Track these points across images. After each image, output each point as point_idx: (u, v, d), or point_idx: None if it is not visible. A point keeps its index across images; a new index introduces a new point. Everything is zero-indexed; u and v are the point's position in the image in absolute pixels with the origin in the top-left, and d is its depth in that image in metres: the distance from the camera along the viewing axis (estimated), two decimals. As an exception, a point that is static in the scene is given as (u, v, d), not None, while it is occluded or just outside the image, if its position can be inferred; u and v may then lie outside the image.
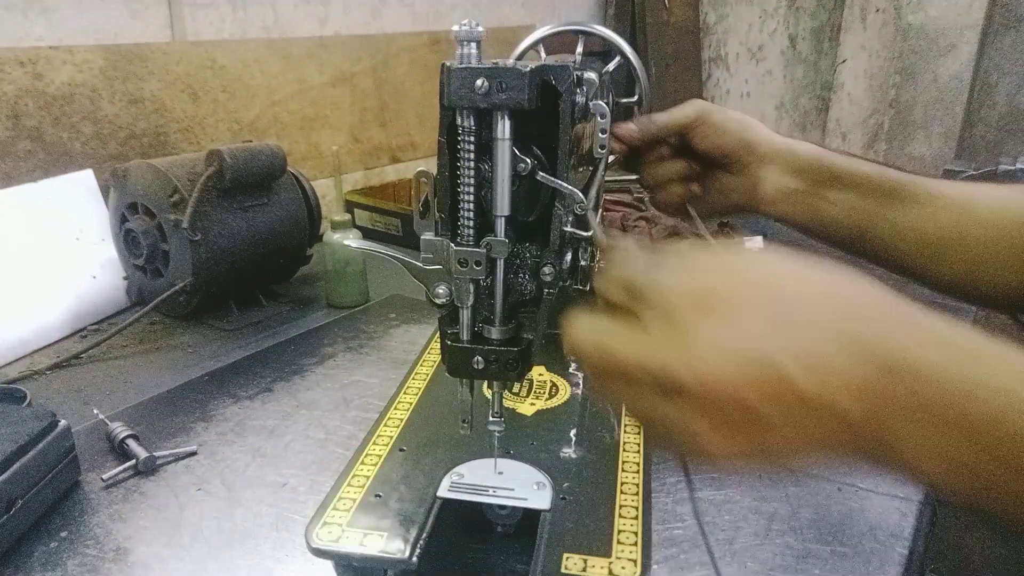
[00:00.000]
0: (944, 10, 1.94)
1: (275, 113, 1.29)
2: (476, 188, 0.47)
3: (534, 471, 0.57)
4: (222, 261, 0.97)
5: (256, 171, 0.99)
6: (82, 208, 1.02)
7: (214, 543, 0.59)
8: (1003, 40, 1.95)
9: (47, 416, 0.63)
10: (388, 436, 0.61)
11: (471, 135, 0.46)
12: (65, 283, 0.97)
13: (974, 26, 1.92)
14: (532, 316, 0.51)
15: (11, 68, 0.97)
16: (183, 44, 1.16)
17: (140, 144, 1.11)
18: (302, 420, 0.76)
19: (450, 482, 0.55)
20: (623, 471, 0.57)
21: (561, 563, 0.47)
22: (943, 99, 2.00)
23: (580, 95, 0.54)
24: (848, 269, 0.36)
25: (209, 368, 0.87)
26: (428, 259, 0.48)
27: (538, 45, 0.82)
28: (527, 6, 1.85)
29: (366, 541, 0.49)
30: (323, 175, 1.35)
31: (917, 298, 0.36)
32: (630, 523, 0.51)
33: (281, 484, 0.66)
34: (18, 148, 0.99)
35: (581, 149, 0.59)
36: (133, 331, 0.97)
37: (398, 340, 0.95)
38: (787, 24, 2.27)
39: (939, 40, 1.97)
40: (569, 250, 0.54)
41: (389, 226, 1.31)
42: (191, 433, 0.74)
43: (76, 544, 0.59)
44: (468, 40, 0.44)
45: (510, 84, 0.44)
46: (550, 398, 0.69)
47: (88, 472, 0.67)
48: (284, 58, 1.29)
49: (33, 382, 0.85)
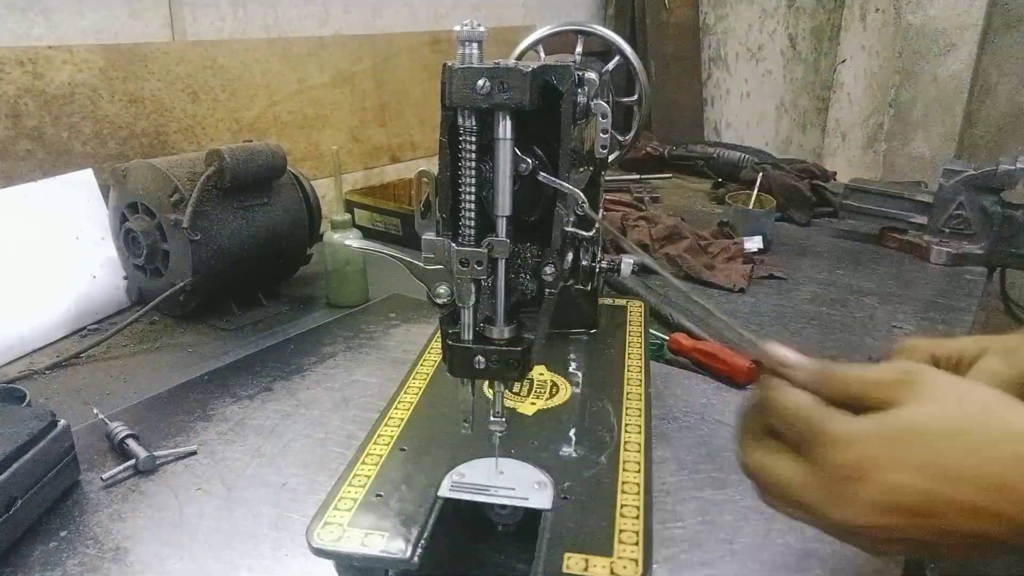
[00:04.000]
0: (944, 10, 1.95)
1: (275, 113, 1.29)
2: (477, 188, 0.47)
3: (535, 471, 0.57)
4: (222, 261, 0.97)
5: (256, 171, 0.99)
6: (82, 208, 1.02)
7: (214, 543, 0.59)
8: (1003, 40, 1.96)
9: (47, 416, 0.63)
10: (389, 436, 0.61)
11: (472, 135, 0.46)
12: (65, 283, 0.97)
13: (974, 26, 1.92)
14: (533, 316, 0.51)
15: (11, 68, 0.97)
16: (183, 44, 1.16)
17: (140, 144, 1.11)
18: (302, 420, 0.76)
19: (451, 482, 0.55)
20: (624, 470, 0.57)
21: (562, 563, 0.47)
22: (943, 99, 2.01)
23: (581, 95, 0.54)
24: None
25: (209, 368, 0.87)
26: (429, 259, 0.48)
27: (538, 45, 0.82)
28: (527, 6, 1.85)
29: (367, 541, 0.49)
30: (323, 175, 1.35)
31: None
32: (631, 522, 0.51)
33: (281, 484, 0.66)
34: (18, 148, 0.99)
35: (582, 149, 0.59)
36: (133, 331, 0.97)
37: (398, 340, 0.95)
38: (787, 24, 2.27)
39: (939, 40, 1.97)
40: (570, 250, 0.54)
41: (389, 226, 1.31)
42: (191, 433, 0.73)
43: (75, 544, 0.58)
44: (470, 40, 0.44)
45: (512, 84, 0.44)
46: (551, 398, 0.69)
47: (88, 472, 0.67)
48: (284, 58, 1.29)
49: (33, 382, 0.85)
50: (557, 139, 0.49)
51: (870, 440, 0.38)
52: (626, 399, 0.68)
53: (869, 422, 0.38)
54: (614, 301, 0.91)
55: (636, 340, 0.80)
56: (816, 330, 1.02)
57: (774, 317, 1.06)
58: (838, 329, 1.03)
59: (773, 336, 0.99)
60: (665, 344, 0.91)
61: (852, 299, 1.13)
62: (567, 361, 0.77)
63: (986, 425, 0.37)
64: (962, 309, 1.11)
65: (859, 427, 0.38)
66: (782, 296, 1.14)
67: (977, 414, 0.37)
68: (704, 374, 0.87)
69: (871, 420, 0.38)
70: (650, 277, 1.19)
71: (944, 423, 0.37)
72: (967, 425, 0.37)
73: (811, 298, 1.13)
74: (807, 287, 1.18)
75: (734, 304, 1.10)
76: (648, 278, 1.17)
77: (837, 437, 0.38)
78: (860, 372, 0.40)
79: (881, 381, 0.39)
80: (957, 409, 0.38)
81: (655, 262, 0.52)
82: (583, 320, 0.83)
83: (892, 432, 0.38)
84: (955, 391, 0.39)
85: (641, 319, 0.86)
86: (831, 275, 1.23)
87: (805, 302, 1.12)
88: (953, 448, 0.37)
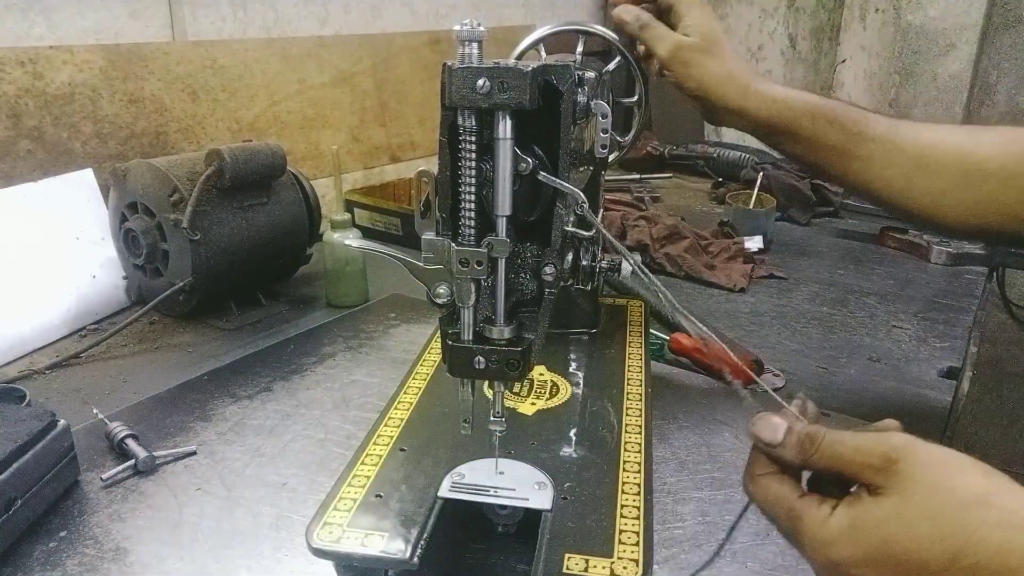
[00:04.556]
0: (944, 10, 1.94)
1: (275, 113, 1.29)
2: (477, 188, 0.47)
3: (535, 471, 0.57)
4: (222, 261, 0.96)
5: (256, 170, 0.98)
6: (82, 208, 1.02)
7: (213, 543, 0.59)
8: (1002, 40, 1.96)
9: (46, 415, 0.63)
10: (388, 436, 0.61)
11: (472, 135, 0.46)
12: (65, 282, 0.97)
13: (974, 26, 1.92)
14: (533, 316, 0.51)
15: (11, 68, 0.97)
16: (183, 44, 1.16)
17: (140, 144, 1.11)
18: (302, 420, 0.76)
19: (451, 482, 0.55)
20: (624, 471, 0.57)
21: (563, 563, 0.47)
22: (943, 99, 2.00)
23: (581, 95, 0.54)
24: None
25: (209, 368, 0.87)
26: (429, 259, 0.48)
27: (539, 45, 0.82)
28: (527, 6, 1.85)
29: (367, 541, 0.49)
30: (323, 175, 1.35)
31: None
32: (631, 523, 0.51)
33: (281, 484, 0.66)
34: (18, 148, 0.99)
35: (582, 149, 0.59)
36: (133, 331, 0.97)
37: (398, 340, 0.95)
38: (787, 24, 2.27)
39: (939, 40, 1.97)
40: (570, 250, 0.54)
41: (389, 226, 1.31)
42: (190, 433, 0.73)
43: (75, 544, 0.58)
44: (470, 40, 0.44)
45: (512, 84, 0.44)
46: (551, 398, 0.69)
47: (87, 472, 0.67)
48: (284, 58, 1.29)
49: (32, 381, 0.85)
50: (557, 139, 0.49)
51: (840, 544, 0.39)
52: (626, 399, 0.68)
53: (842, 520, 0.39)
54: (614, 301, 0.91)
55: (636, 340, 0.80)
56: (816, 330, 1.02)
57: (774, 317, 1.06)
58: (838, 329, 1.03)
59: (773, 336, 0.99)
60: (665, 344, 0.91)
61: (852, 299, 1.13)
62: (567, 361, 0.76)
63: (963, 525, 0.36)
64: (962, 309, 1.11)
65: (832, 528, 0.39)
66: (782, 296, 1.14)
67: (955, 512, 0.37)
68: (704, 374, 0.87)
69: (843, 517, 0.39)
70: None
71: (917, 525, 0.37)
72: (942, 530, 0.37)
73: (811, 298, 1.13)
74: (807, 287, 1.18)
75: (734, 304, 1.10)
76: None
77: (810, 538, 0.40)
78: (844, 450, 0.40)
79: (865, 465, 0.39)
80: (934, 506, 0.37)
81: (645, 273, 0.52)
82: (583, 320, 0.83)
83: (859, 535, 0.38)
84: (938, 480, 0.38)
85: (641, 319, 0.86)
86: (831, 275, 1.23)
87: (805, 302, 1.12)
88: (928, 551, 0.37)
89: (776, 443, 0.43)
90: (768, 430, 0.43)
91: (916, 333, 1.02)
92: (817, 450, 0.41)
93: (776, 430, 0.43)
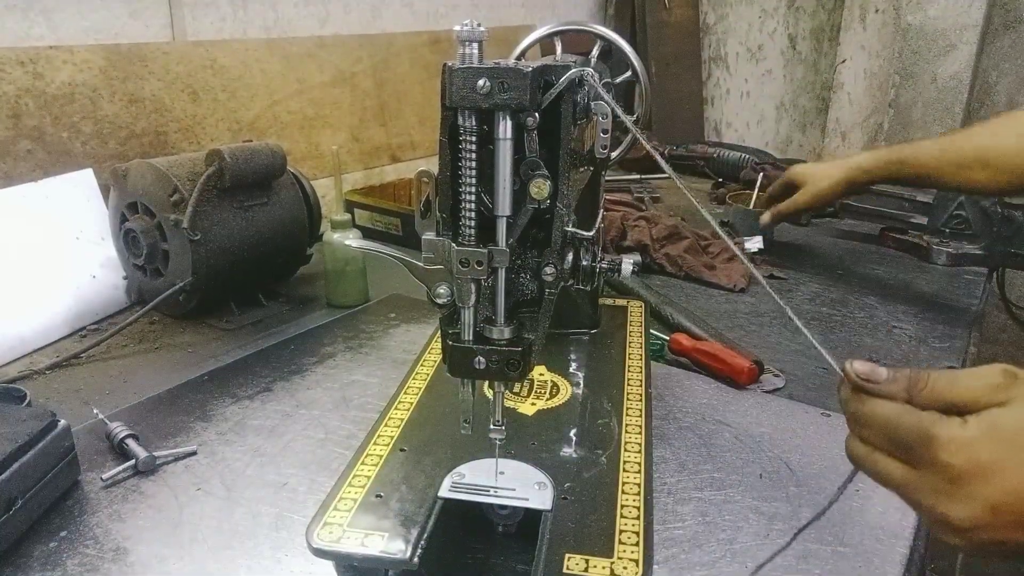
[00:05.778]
0: (944, 10, 1.94)
1: (275, 113, 1.29)
2: (477, 188, 0.47)
3: (535, 471, 0.57)
4: (222, 261, 0.96)
5: (256, 171, 0.99)
6: (82, 208, 1.02)
7: (214, 543, 0.59)
8: (1002, 40, 1.96)
9: (47, 416, 0.63)
10: (389, 436, 0.61)
11: (472, 135, 0.46)
12: (65, 283, 0.97)
13: (973, 26, 1.92)
14: (534, 316, 0.51)
15: (11, 68, 0.97)
16: (183, 44, 1.16)
17: (140, 144, 1.11)
18: (302, 420, 0.76)
19: (451, 482, 0.55)
20: (624, 471, 0.57)
21: (563, 563, 0.47)
22: (943, 99, 2.01)
23: (581, 95, 0.54)
24: None
25: (209, 368, 0.87)
26: (429, 259, 0.48)
27: (553, 39, 0.82)
28: (527, 6, 1.85)
29: (367, 541, 0.49)
30: (323, 175, 1.35)
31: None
32: (631, 523, 0.51)
33: (281, 484, 0.66)
34: (18, 147, 0.99)
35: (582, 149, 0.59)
36: (133, 331, 0.97)
37: (398, 340, 0.95)
38: (787, 24, 2.27)
39: (939, 40, 1.97)
40: (570, 250, 0.54)
41: (389, 226, 1.31)
42: (191, 433, 0.73)
43: (75, 544, 0.58)
44: (470, 40, 0.44)
45: (512, 84, 0.44)
46: (551, 398, 0.69)
47: (88, 472, 0.67)
48: (284, 58, 1.29)
49: (33, 382, 0.84)
50: (557, 139, 0.49)
51: (982, 442, 0.39)
52: (626, 399, 0.68)
53: (979, 423, 0.39)
54: (614, 301, 0.91)
55: (636, 340, 0.80)
56: (816, 330, 1.02)
57: (774, 317, 1.06)
58: (838, 329, 1.03)
59: (773, 336, 0.99)
60: (665, 344, 0.91)
61: (852, 299, 1.13)
62: (567, 361, 0.77)
63: None
64: (962, 309, 1.11)
65: (970, 430, 0.39)
66: (782, 296, 1.14)
67: None
68: (704, 374, 0.87)
69: (981, 421, 0.39)
70: (650, 277, 1.19)
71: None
72: None
73: (811, 298, 1.13)
74: (807, 287, 1.18)
75: (734, 304, 1.10)
76: (648, 278, 1.17)
77: (948, 440, 0.39)
78: (961, 378, 0.41)
79: (987, 386, 0.40)
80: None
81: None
82: (583, 320, 0.83)
83: (1003, 434, 0.38)
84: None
85: (641, 319, 0.86)
86: (831, 275, 1.23)
87: (805, 302, 1.12)
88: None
89: (881, 380, 0.42)
90: (869, 368, 0.43)
91: (916, 333, 1.02)
92: (927, 385, 0.41)
93: (875, 370, 0.43)
